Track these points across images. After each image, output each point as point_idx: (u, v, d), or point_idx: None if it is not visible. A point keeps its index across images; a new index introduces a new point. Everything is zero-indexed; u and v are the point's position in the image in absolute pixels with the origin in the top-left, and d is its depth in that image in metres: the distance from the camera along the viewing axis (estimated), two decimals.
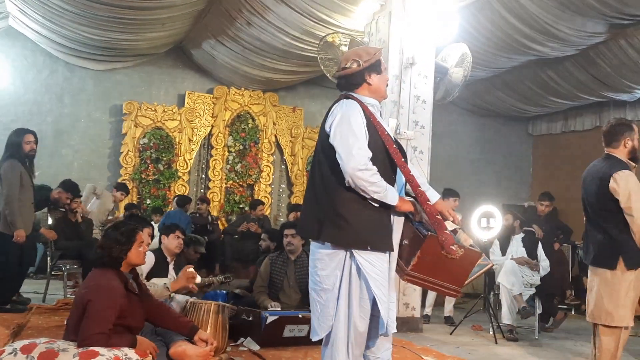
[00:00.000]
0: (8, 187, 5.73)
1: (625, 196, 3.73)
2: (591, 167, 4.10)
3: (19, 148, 5.89)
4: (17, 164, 5.80)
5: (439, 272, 2.90)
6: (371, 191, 2.83)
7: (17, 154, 5.87)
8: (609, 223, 3.87)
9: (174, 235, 5.28)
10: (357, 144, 2.85)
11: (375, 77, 3.08)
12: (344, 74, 3.10)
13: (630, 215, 3.72)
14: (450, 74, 6.64)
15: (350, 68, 3.06)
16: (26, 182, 5.85)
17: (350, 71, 3.06)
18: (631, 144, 3.93)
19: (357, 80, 3.08)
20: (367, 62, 3.05)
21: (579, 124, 11.84)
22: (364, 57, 3.06)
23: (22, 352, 2.97)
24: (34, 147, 6.01)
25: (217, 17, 8.45)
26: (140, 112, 10.05)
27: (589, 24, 7.67)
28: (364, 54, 3.08)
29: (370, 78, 3.07)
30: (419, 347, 5.31)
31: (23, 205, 5.81)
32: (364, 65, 3.04)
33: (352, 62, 3.05)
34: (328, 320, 2.94)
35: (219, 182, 10.54)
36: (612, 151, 3.98)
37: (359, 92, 3.08)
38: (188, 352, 3.42)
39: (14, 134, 6.00)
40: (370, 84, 3.08)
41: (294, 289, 5.58)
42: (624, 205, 3.74)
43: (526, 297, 6.39)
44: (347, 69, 3.08)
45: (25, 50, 9.78)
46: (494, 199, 8.64)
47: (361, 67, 3.04)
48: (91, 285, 3.25)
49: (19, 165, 5.81)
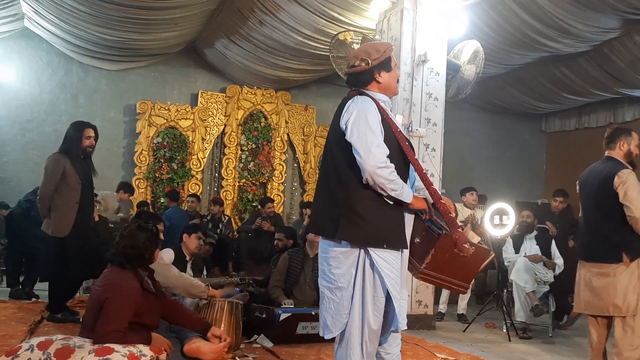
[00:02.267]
0: (43, 183, 5.35)
1: (624, 190, 3.98)
2: (592, 168, 4.33)
3: (78, 143, 5.47)
4: (63, 158, 5.36)
5: (451, 269, 2.91)
6: (389, 189, 2.82)
7: (70, 148, 5.45)
8: (611, 221, 4.07)
9: (196, 236, 5.40)
10: (376, 141, 2.84)
11: (385, 75, 3.06)
12: (352, 72, 3.09)
13: (628, 205, 3.94)
14: (462, 71, 6.63)
15: (359, 67, 3.04)
16: (72, 179, 5.37)
17: (359, 69, 3.05)
18: (627, 147, 4.19)
19: (366, 78, 3.06)
20: (376, 60, 3.03)
21: (593, 120, 11.75)
22: (373, 55, 3.04)
23: (38, 349, 3.00)
24: (93, 142, 5.59)
25: (230, 16, 8.48)
26: (153, 112, 10.12)
27: (603, 20, 7.61)
28: (373, 52, 3.06)
29: (379, 76, 3.05)
30: (432, 344, 5.32)
31: (64, 204, 5.34)
32: (373, 64, 3.02)
33: (362, 60, 3.03)
34: (342, 318, 2.92)
35: (232, 181, 10.59)
36: (610, 153, 4.25)
37: (370, 89, 3.06)
38: (202, 349, 3.44)
39: (72, 128, 5.57)
40: (379, 82, 3.06)
41: (309, 286, 5.59)
42: (622, 199, 3.98)
43: (539, 294, 6.36)
44: (355, 67, 3.06)
45: (41, 51, 9.89)
46: (507, 196, 8.60)
47: (370, 65, 3.02)
48: (108, 283, 3.28)
49: (66, 160, 5.36)
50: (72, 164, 5.38)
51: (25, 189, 7.75)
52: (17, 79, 9.80)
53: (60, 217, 5.34)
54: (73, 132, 5.53)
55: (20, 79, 9.82)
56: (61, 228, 5.33)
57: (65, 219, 5.34)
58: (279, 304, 5.26)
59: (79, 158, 5.48)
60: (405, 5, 6.36)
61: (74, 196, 5.37)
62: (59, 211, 5.34)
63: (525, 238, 6.78)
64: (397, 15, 6.46)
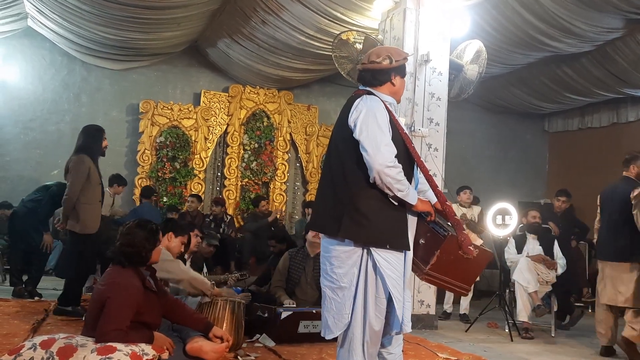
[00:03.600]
0: (72, 182, 5.50)
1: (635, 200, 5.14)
2: (612, 186, 5.61)
3: (100, 143, 5.76)
4: (87, 159, 5.58)
5: (455, 271, 2.92)
6: (396, 189, 2.82)
7: (94, 149, 5.70)
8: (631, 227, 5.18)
9: (193, 234, 5.37)
10: (385, 139, 2.85)
11: (399, 80, 3.10)
12: (371, 68, 3.07)
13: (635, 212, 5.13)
14: (465, 71, 6.62)
15: (381, 63, 3.05)
16: (95, 179, 5.61)
17: (379, 66, 3.05)
18: (636, 170, 5.42)
19: (383, 77, 3.07)
20: (398, 62, 3.07)
21: (596, 120, 11.73)
22: (396, 56, 3.07)
23: (41, 347, 3.01)
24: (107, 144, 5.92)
25: (232, 16, 8.48)
26: (156, 111, 10.13)
27: (606, 20, 7.59)
28: (396, 53, 3.10)
29: (395, 79, 3.08)
30: (434, 344, 5.32)
31: (89, 203, 5.55)
32: (394, 64, 3.05)
33: (385, 58, 3.04)
34: (344, 319, 2.92)
35: (235, 180, 10.59)
36: (626, 173, 5.48)
37: (380, 90, 3.07)
38: (204, 348, 3.45)
39: (93, 130, 5.85)
40: (394, 85, 3.09)
41: (310, 286, 5.58)
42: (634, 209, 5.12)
43: (542, 294, 6.35)
44: (377, 64, 3.06)
45: (44, 50, 9.91)
46: (509, 196, 8.59)
47: (392, 65, 3.04)
48: (110, 282, 3.28)
49: (89, 160, 5.59)
50: (95, 164, 5.67)
51: (28, 188, 7.73)
52: (20, 78, 9.82)
53: (88, 216, 5.57)
54: (95, 132, 5.83)
55: (23, 78, 9.84)
56: (91, 225, 5.60)
57: (94, 216, 5.63)
58: (282, 304, 5.27)
59: (97, 159, 5.76)
60: (408, 5, 6.36)
61: (97, 194, 5.67)
62: (86, 210, 5.56)
63: (528, 238, 6.77)
64: (399, 14, 6.45)
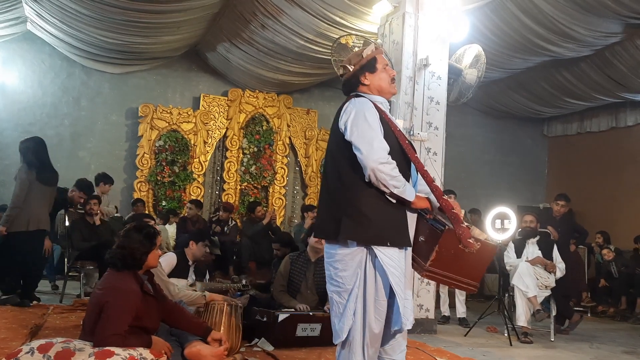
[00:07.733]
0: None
1: None
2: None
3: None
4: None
5: (458, 266, 2.87)
6: (391, 185, 2.81)
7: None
8: None
9: (203, 244, 5.40)
10: (377, 137, 2.85)
11: (370, 76, 3.09)
12: (343, 82, 3.18)
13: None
14: (464, 75, 6.63)
15: (345, 75, 3.14)
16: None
17: (346, 77, 3.14)
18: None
19: (353, 83, 3.12)
20: (358, 64, 3.08)
21: (595, 125, 11.75)
22: (353, 60, 3.11)
23: (39, 352, 3.01)
24: None
25: (232, 20, 8.50)
26: (155, 115, 10.13)
27: (605, 24, 7.62)
28: (354, 57, 3.14)
29: (365, 78, 3.08)
30: (433, 349, 5.30)
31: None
32: (355, 68, 3.09)
33: (345, 69, 3.13)
34: (349, 321, 2.90)
35: (234, 184, 10.60)
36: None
37: (363, 92, 3.09)
38: (202, 352, 3.44)
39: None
40: (366, 84, 3.09)
41: (311, 291, 5.53)
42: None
43: (541, 299, 6.34)
44: (343, 77, 3.16)
45: (43, 54, 9.92)
46: (508, 200, 8.58)
47: (352, 71, 3.09)
48: (108, 286, 3.28)
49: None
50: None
51: None
52: (19, 82, 9.83)
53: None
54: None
55: (22, 82, 9.85)
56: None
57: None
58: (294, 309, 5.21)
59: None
60: (407, 9, 6.36)
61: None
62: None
63: (527, 243, 6.77)
64: (398, 19, 6.46)
